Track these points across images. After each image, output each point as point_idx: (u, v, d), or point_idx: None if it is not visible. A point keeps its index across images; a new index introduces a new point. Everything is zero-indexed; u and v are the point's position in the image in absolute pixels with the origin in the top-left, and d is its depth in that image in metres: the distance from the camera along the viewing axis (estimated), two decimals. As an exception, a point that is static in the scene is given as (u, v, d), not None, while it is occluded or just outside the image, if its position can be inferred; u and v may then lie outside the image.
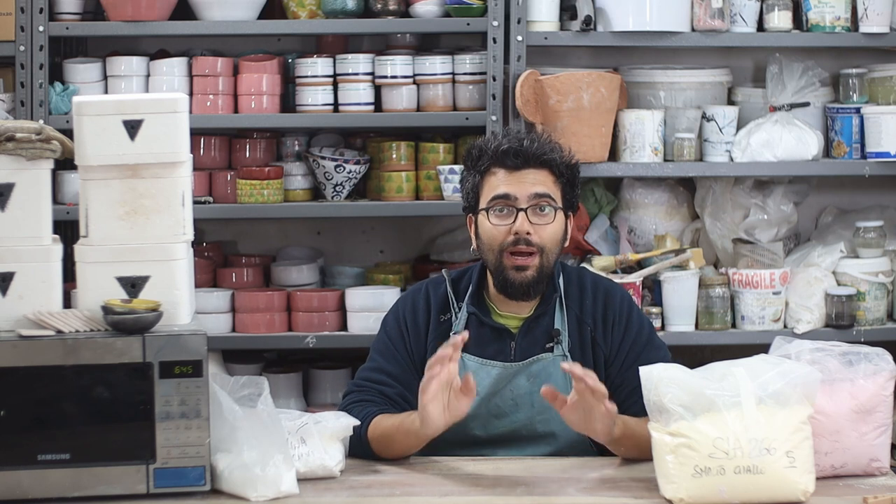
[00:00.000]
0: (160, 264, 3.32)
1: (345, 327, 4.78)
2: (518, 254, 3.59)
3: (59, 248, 3.33)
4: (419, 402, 3.36)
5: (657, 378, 3.20)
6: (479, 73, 4.79)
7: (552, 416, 3.54)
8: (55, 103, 4.67)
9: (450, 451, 3.51)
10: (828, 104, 4.95)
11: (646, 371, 3.23)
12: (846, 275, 4.85)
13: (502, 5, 4.69)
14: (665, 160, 4.81)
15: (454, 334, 3.65)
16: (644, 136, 4.75)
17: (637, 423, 3.41)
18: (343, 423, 3.40)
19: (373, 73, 4.81)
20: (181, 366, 3.18)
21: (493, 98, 4.70)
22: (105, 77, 4.78)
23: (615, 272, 4.75)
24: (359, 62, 4.80)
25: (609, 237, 4.95)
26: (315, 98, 4.78)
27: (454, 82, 4.82)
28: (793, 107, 4.81)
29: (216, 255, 5.06)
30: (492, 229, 3.62)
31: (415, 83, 4.81)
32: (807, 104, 4.84)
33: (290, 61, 4.92)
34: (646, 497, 3.22)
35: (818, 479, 3.20)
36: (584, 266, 4.57)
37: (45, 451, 3.16)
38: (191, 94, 4.74)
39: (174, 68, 4.76)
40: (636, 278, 4.71)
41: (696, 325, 4.80)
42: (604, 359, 3.65)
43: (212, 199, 4.79)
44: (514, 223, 3.59)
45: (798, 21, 4.84)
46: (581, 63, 5.09)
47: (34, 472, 3.16)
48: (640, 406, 3.28)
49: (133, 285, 3.30)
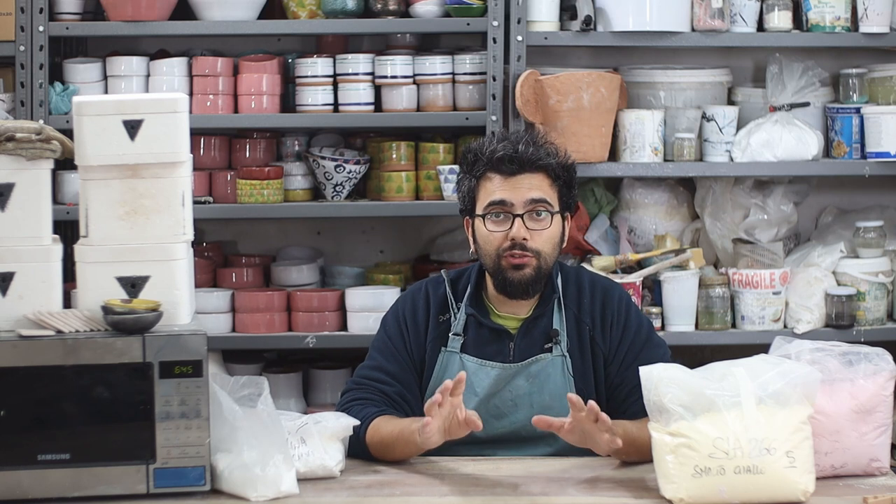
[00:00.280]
0: (160, 264, 3.31)
1: (345, 327, 4.78)
2: (515, 256, 3.59)
3: (59, 248, 3.33)
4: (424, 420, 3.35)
5: (657, 378, 3.20)
6: (479, 73, 4.79)
7: (552, 416, 3.53)
8: (55, 103, 4.67)
9: (451, 451, 3.51)
10: (828, 104, 4.94)
11: (646, 371, 3.23)
12: (846, 275, 4.85)
13: (502, 5, 4.69)
14: (665, 160, 4.81)
15: (453, 335, 3.65)
16: (644, 136, 4.75)
17: (638, 427, 3.40)
18: (343, 424, 3.40)
19: (373, 73, 4.80)
20: (181, 366, 3.18)
21: (493, 98, 4.70)
22: (105, 77, 4.78)
23: (615, 272, 4.75)
24: (359, 62, 4.79)
25: (609, 237, 4.95)
26: (315, 98, 4.78)
27: (454, 82, 4.81)
28: (793, 107, 4.81)
29: (216, 255, 5.06)
30: (488, 235, 3.61)
31: (415, 83, 4.81)
32: (807, 104, 4.84)
33: (290, 61, 4.92)
34: (646, 497, 3.22)
35: (818, 479, 3.20)
36: (583, 266, 4.57)
37: (45, 451, 3.16)
38: (191, 94, 4.74)
39: (174, 68, 4.76)
40: (636, 278, 4.71)
41: (696, 325, 4.80)
42: (603, 358, 3.65)
43: (212, 199, 4.79)
44: (510, 229, 3.58)
45: (798, 21, 4.84)
46: (581, 63, 5.09)
47: (34, 472, 3.16)
48: (640, 406, 3.28)
49: (133, 285, 3.30)
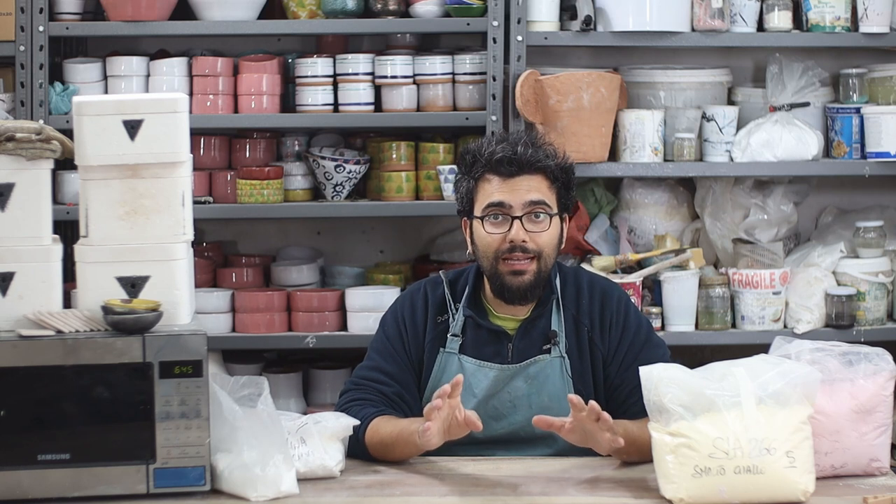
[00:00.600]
0: (160, 264, 3.31)
1: (345, 327, 4.78)
2: (514, 259, 3.59)
3: (59, 248, 3.33)
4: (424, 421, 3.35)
5: (657, 378, 3.20)
6: (479, 73, 4.79)
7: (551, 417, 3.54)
8: (55, 103, 4.67)
9: (450, 451, 3.50)
10: (828, 104, 4.94)
11: (646, 371, 3.23)
12: (846, 275, 4.85)
13: (502, 5, 4.69)
14: (665, 160, 4.81)
15: (451, 336, 3.65)
16: (644, 136, 4.75)
17: (638, 427, 3.40)
18: (343, 424, 3.40)
19: (373, 73, 4.80)
20: (181, 366, 3.18)
21: (493, 98, 4.70)
22: (105, 77, 4.78)
23: (615, 272, 4.74)
24: (359, 62, 4.79)
25: (609, 237, 4.95)
26: (315, 98, 4.78)
27: (454, 82, 4.81)
28: (793, 107, 4.80)
29: (216, 255, 5.06)
30: (487, 237, 3.61)
31: (415, 83, 4.81)
32: (807, 104, 4.84)
33: (290, 61, 4.92)
34: (646, 497, 3.22)
35: (818, 479, 3.20)
36: (581, 266, 4.57)
37: (45, 451, 3.16)
38: (191, 94, 4.73)
39: (174, 68, 4.76)
40: (636, 278, 4.71)
41: (696, 325, 4.80)
42: (602, 359, 3.65)
43: (212, 199, 4.79)
44: (509, 231, 3.58)
45: (798, 21, 4.84)
46: (581, 63, 5.09)
47: (34, 472, 3.16)
48: (640, 406, 3.28)
49: (133, 285, 3.30)
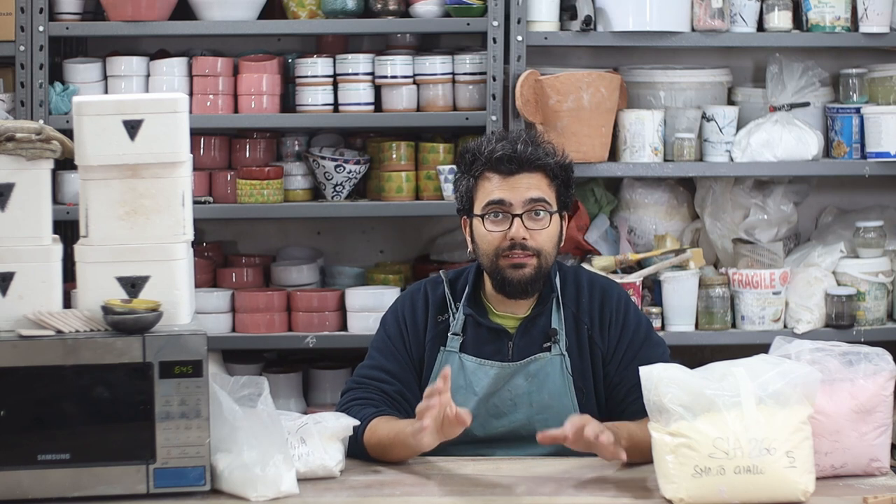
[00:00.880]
0: (160, 264, 3.31)
1: (345, 327, 4.78)
2: (515, 255, 3.59)
3: (59, 248, 3.33)
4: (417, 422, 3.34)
5: (657, 378, 3.20)
6: (479, 73, 4.79)
7: (551, 416, 3.54)
8: (55, 103, 4.67)
9: (450, 451, 3.50)
10: (828, 104, 4.94)
11: (646, 371, 3.23)
12: (846, 275, 4.85)
13: (502, 5, 4.69)
14: (665, 160, 4.81)
15: (452, 335, 3.65)
16: (644, 136, 4.75)
17: (640, 429, 3.38)
18: (343, 424, 3.40)
19: (373, 73, 4.80)
20: (181, 366, 3.18)
21: (493, 98, 4.70)
22: (105, 77, 4.78)
23: (615, 272, 4.74)
24: (359, 62, 4.79)
25: (609, 237, 4.95)
26: (315, 98, 4.78)
27: (454, 82, 4.81)
28: (793, 107, 4.81)
29: (216, 255, 5.06)
30: (487, 235, 3.61)
31: (415, 83, 4.81)
32: (807, 104, 4.84)
33: (290, 61, 4.92)
34: (646, 497, 3.22)
35: (818, 479, 3.20)
36: (581, 265, 4.57)
37: (45, 451, 3.16)
38: (191, 94, 4.74)
39: (174, 68, 4.76)
40: (636, 278, 4.71)
41: (696, 325, 4.80)
42: (601, 357, 3.65)
43: (212, 199, 4.79)
44: (509, 229, 3.58)
45: (798, 21, 4.84)
46: (581, 63, 5.09)
47: (34, 472, 3.15)
48: (639, 405, 3.28)
49: (133, 285, 3.30)
